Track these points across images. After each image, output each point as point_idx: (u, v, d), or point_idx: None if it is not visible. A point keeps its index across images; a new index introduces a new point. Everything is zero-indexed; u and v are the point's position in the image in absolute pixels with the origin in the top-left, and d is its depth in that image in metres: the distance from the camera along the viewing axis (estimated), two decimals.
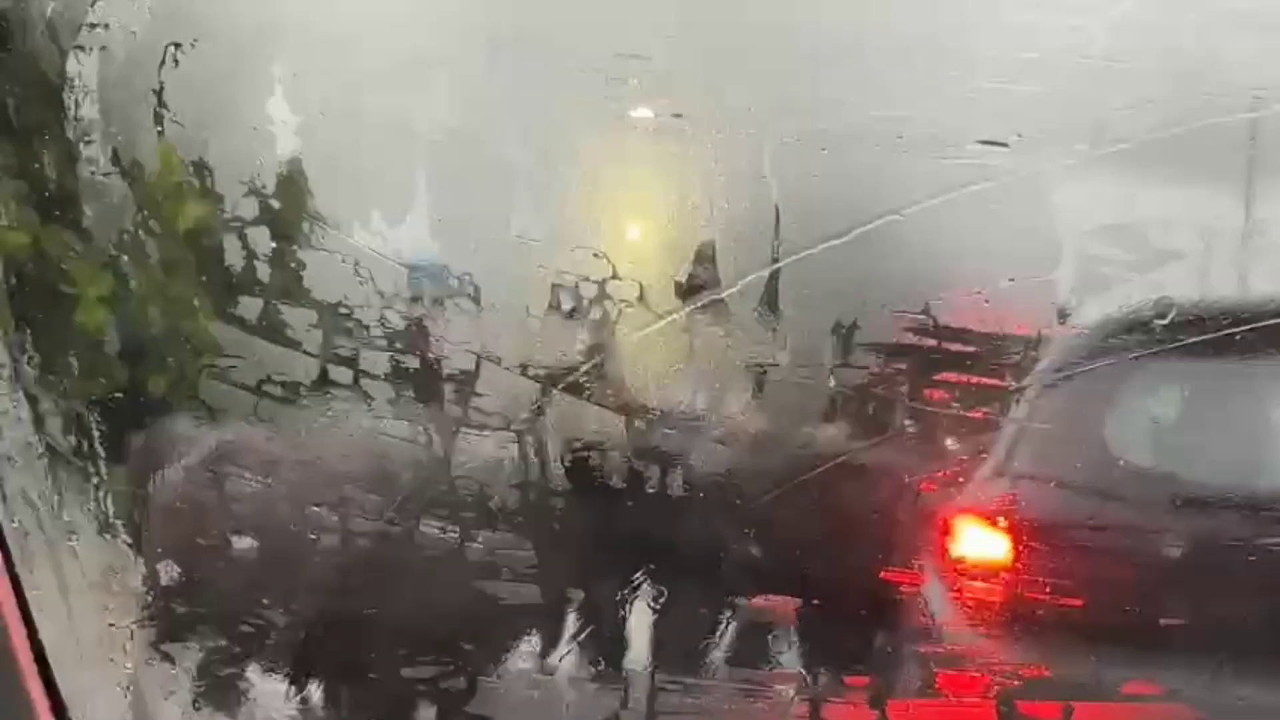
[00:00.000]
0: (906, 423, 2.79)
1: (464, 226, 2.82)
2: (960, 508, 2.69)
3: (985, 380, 2.49)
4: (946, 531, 2.68)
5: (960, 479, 2.71)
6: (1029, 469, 2.55)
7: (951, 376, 2.64)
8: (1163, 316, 2.44)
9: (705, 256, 2.78)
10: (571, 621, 2.89)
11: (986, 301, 2.67)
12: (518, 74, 2.71)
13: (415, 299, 2.86)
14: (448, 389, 2.86)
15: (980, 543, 2.64)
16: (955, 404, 2.57)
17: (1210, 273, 2.59)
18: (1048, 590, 2.56)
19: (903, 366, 2.54)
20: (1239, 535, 2.39)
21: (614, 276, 2.81)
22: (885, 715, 2.74)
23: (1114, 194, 2.67)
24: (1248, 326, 2.40)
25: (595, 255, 2.78)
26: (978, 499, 2.65)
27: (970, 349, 2.57)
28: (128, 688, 2.87)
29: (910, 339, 2.55)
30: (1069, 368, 2.56)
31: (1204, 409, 2.59)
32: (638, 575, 2.83)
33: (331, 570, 2.83)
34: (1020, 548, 2.58)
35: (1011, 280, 2.54)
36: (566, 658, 2.83)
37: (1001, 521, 2.57)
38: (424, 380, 2.87)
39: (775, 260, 2.77)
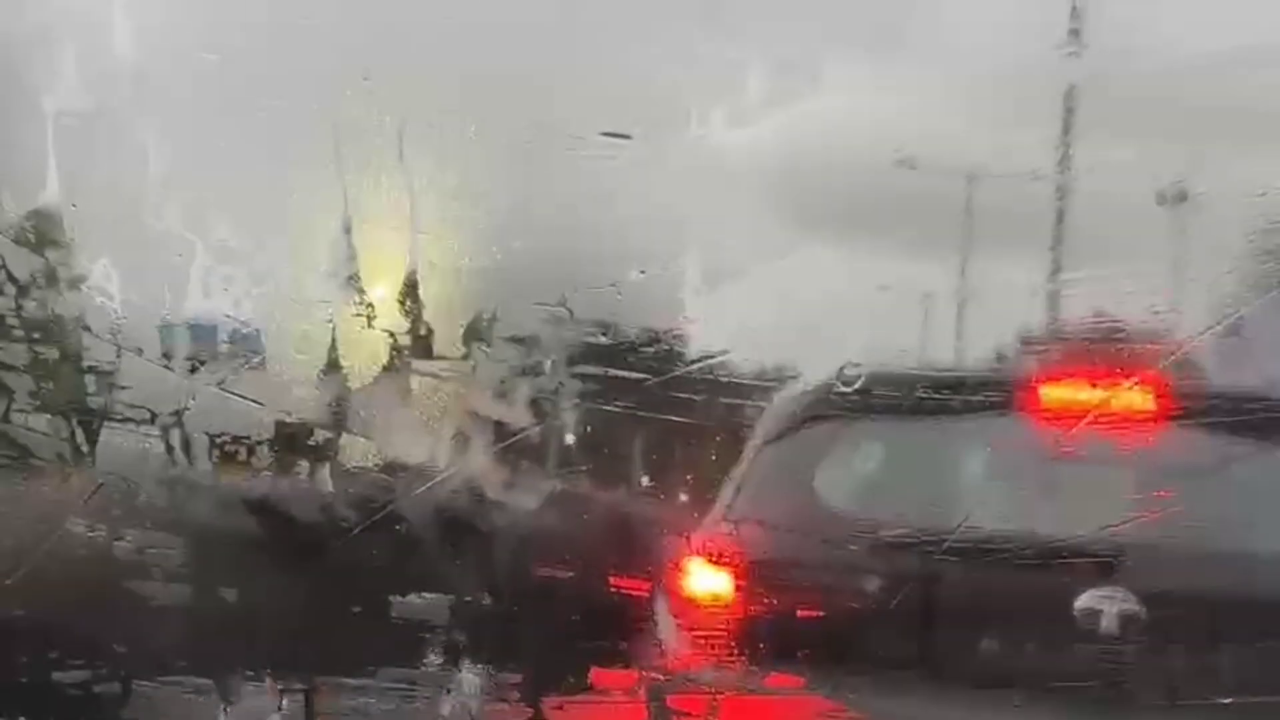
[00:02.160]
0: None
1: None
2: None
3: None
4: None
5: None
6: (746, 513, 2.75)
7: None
8: (855, 382, 2.75)
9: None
10: (229, 623, 2.80)
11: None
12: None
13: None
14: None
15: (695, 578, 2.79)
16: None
17: (905, 339, 2.94)
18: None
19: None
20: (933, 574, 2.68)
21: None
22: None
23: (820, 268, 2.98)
24: (938, 390, 2.78)
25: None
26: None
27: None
28: None
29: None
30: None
31: (899, 463, 2.94)
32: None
33: None
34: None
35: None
36: (225, 660, 2.73)
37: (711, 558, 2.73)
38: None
39: (414, 272, 2.95)
